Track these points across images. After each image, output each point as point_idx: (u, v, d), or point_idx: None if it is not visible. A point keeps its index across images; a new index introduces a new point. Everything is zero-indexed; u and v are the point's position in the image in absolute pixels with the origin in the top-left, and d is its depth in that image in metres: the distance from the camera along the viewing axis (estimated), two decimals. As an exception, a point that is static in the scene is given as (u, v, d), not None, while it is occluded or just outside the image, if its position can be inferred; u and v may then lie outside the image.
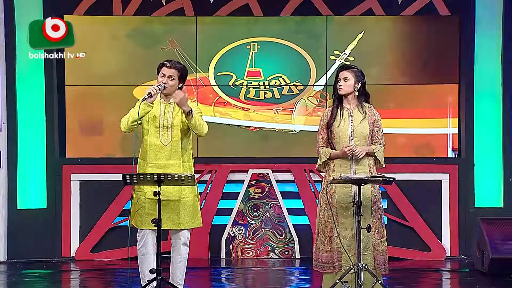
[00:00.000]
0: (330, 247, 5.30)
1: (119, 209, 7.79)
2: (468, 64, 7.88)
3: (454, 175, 7.89)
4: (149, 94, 5.18)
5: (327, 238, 5.31)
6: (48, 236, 7.81)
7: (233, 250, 7.91)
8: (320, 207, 5.37)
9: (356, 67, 5.42)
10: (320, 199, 5.39)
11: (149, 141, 5.32)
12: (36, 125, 7.82)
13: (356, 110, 5.36)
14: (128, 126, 5.27)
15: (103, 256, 7.80)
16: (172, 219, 5.30)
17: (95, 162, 7.89)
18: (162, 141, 5.33)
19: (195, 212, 5.38)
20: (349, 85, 5.34)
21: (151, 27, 8.02)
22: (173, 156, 5.32)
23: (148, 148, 5.32)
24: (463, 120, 7.94)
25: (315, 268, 5.40)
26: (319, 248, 5.36)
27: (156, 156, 5.31)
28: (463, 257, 7.82)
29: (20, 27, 7.70)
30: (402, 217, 7.81)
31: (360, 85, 5.36)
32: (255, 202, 7.96)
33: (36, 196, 7.82)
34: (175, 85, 5.34)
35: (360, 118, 5.34)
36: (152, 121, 5.32)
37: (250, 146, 8.07)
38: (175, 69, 5.32)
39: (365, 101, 5.39)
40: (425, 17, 8.00)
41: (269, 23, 8.06)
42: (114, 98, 7.93)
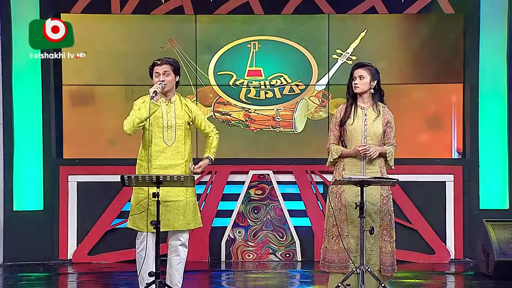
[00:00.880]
0: (337, 247, 5.32)
1: (117, 211, 7.80)
2: (473, 63, 7.89)
3: (459, 176, 7.90)
4: (154, 92, 5.20)
5: (335, 237, 5.33)
6: (45, 238, 7.82)
7: (233, 253, 7.93)
8: (328, 206, 5.40)
9: (371, 64, 5.44)
10: (329, 198, 5.42)
11: (153, 142, 5.34)
12: (32, 125, 7.82)
13: (371, 109, 5.40)
14: (134, 127, 5.27)
15: (101, 259, 7.81)
16: (179, 219, 5.32)
17: (93, 163, 7.90)
18: (166, 142, 5.35)
19: (197, 212, 5.43)
20: (365, 83, 5.38)
21: (150, 26, 8.03)
22: (176, 156, 5.35)
23: (151, 149, 5.34)
24: (468, 120, 7.95)
25: (321, 268, 5.42)
26: (326, 247, 5.38)
27: (160, 157, 5.33)
28: (468, 260, 7.83)
29: (17, 26, 7.72)
30: (405, 219, 7.83)
31: (376, 83, 5.41)
32: (256, 203, 7.98)
33: (32, 198, 7.83)
34: (173, 80, 5.38)
35: (374, 117, 5.37)
36: (154, 121, 5.34)
37: (251, 147, 8.09)
38: (167, 64, 5.36)
39: (379, 100, 5.44)
40: (429, 15, 8.01)
41: (270, 22, 8.07)
42: (112, 97, 7.95)
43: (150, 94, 5.20)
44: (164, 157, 5.33)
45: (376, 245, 5.31)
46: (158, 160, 5.33)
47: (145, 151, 5.37)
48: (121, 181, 4.94)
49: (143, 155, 5.39)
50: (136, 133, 5.32)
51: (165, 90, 5.36)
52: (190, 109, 5.46)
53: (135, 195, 5.37)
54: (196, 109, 5.52)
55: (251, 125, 8.08)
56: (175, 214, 5.32)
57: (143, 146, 5.40)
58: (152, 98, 5.19)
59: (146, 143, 5.37)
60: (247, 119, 8.08)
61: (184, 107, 5.44)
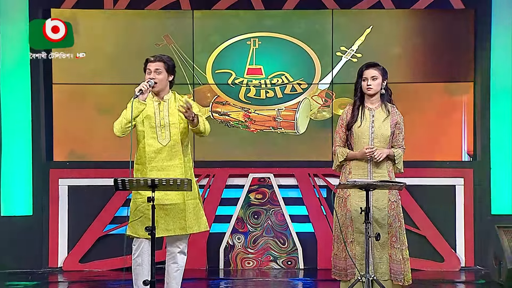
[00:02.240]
0: (345, 254, 5.33)
1: (110, 216, 7.78)
2: (484, 61, 7.89)
3: (469, 179, 7.88)
4: (140, 91, 5.17)
5: (342, 244, 5.33)
6: (34, 245, 7.79)
7: (232, 260, 7.91)
8: (336, 211, 5.39)
9: (378, 64, 5.47)
10: (336, 203, 5.42)
11: (146, 143, 5.31)
12: (21, 126, 7.81)
13: (379, 110, 5.43)
14: (123, 129, 5.25)
15: (93, 267, 7.79)
16: (180, 223, 5.29)
17: (85, 166, 7.88)
18: (160, 142, 5.32)
19: (200, 215, 5.39)
20: (378, 84, 5.43)
21: (145, 22, 8.02)
22: (173, 156, 5.32)
23: (146, 151, 5.30)
24: (479, 120, 7.93)
25: (333, 276, 5.45)
26: (336, 254, 5.42)
27: (156, 158, 5.30)
28: (479, 268, 7.81)
29: (4, 22, 7.73)
30: (413, 225, 7.80)
31: (385, 83, 5.43)
32: (256, 208, 7.95)
33: (21, 202, 7.81)
34: (164, 79, 5.35)
35: (383, 118, 5.39)
36: (147, 121, 5.31)
37: (251, 148, 8.07)
38: (160, 62, 5.34)
39: (387, 99, 5.47)
40: (438, 10, 8.00)
41: (271, 17, 8.06)
42: (105, 97, 7.93)
43: (135, 92, 5.17)
44: (160, 158, 5.31)
45: (385, 253, 5.30)
46: (154, 161, 5.30)
47: (139, 154, 5.35)
48: (114, 184, 4.92)
49: (138, 157, 5.37)
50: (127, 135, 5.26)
51: (156, 89, 5.32)
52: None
53: (133, 201, 5.35)
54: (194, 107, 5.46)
55: (251, 126, 8.06)
56: (176, 218, 5.29)
57: (138, 148, 5.38)
58: (136, 96, 5.15)
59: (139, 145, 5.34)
60: (247, 119, 8.06)
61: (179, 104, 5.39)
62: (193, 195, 5.36)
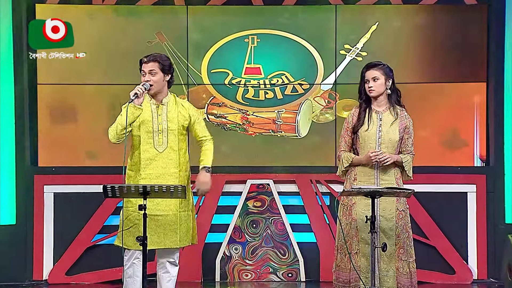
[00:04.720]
0: (350, 265, 5.32)
1: (99, 226, 7.78)
2: (497, 60, 7.89)
3: (482, 186, 7.90)
4: (135, 95, 5.18)
5: (347, 255, 5.34)
6: (17, 256, 7.79)
7: (229, 272, 7.92)
8: (340, 220, 5.40)
9: (382, 62, 5.48)
10: (340, 211, 5.43)
11: (141, 149, 5.32)
12: (4, 129, 7.81)
13: (387, 112, 5.43)
14: (118, 135, 5.25)
15: (81, 279, 7.79)
16: (171, 236, 5.31)
17: (72, 172, 7.88)
18: (156, 148, 5.33)
19: (190, 227, 5.41)
20: (380, 85, 5.41)
21: (136, 18, 8.03)
22: (169, 164, 5.33)
23: (141, 157, 5.32)
24: (492, 123, 7.95)
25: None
26: (339, 266, 5.40)
27: (151, 165, 5.31)
28: (492, 281, 7.83)
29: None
30: (422, 235, 7.82)
31: (391, 83, 5.43)
32: (254, 217, 7.97)
33: (4, 211, 7.80)
34: (160, 80, 5.35)
35: (391, 121, 5.40)
36: (143, 126, 5.32)
37: (249, 153, 8.08)
38: (153, 62, 5.34)
39: (396, 101, 5.46)
40: (449, 6, 8.02)
41: (270, 13, 8.08)
42: (94, 98, 7.95)
43: (130, 97, 5.18)
44: (155, 165, 5.31)
45: (392, 265, 5.30)
46: (148, 168, 5.31)
47: (133, 160, 5.36)
48: (103, 192, 4.94)
49: (132, 164, 5.38)
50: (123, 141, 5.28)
51: (153, 92, 5.34)
52: (188, 112, 5.44)
53: (124, 209, 5.36)
54: (195, 113, 5.49)
55: (249, 129, 8.08)
56: (167, 230, 5.30)
57: (131, 154, 5.39)
58: (131, 101, 5.16)
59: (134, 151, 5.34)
60: (245, 122, 8.08)
61: (181, 109, 5.41)
62: (186, 206, 5.38)
